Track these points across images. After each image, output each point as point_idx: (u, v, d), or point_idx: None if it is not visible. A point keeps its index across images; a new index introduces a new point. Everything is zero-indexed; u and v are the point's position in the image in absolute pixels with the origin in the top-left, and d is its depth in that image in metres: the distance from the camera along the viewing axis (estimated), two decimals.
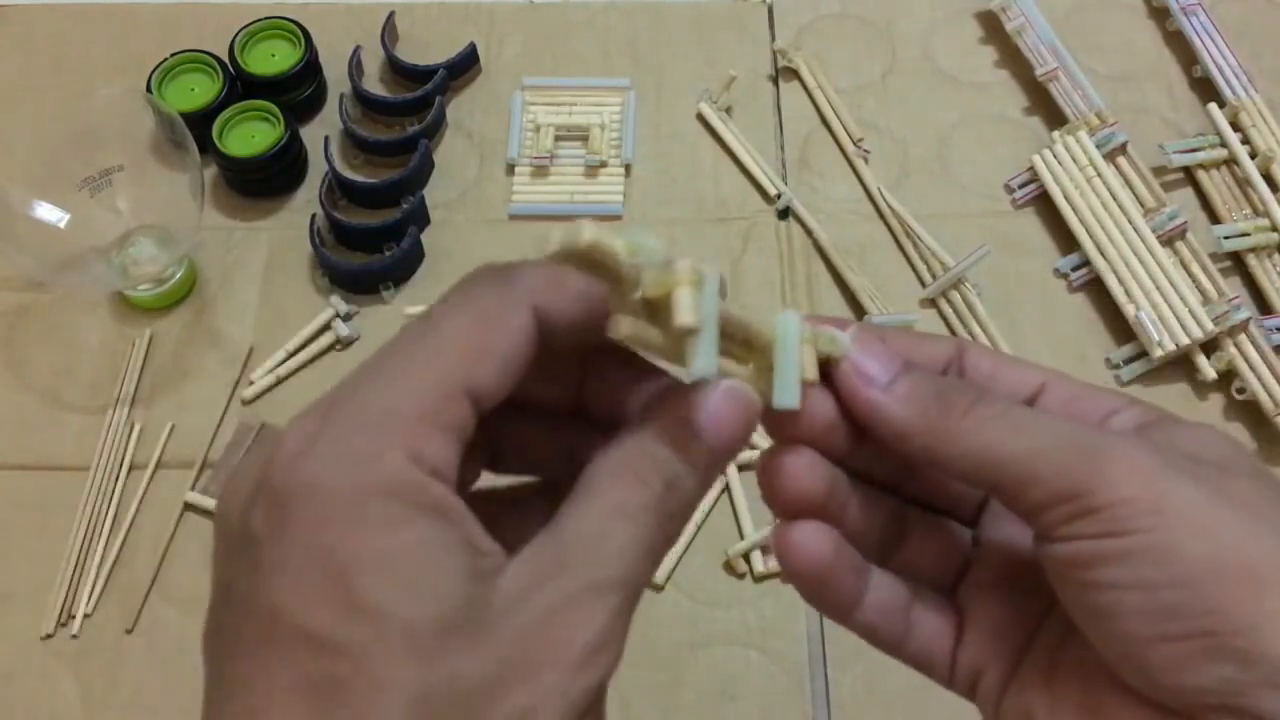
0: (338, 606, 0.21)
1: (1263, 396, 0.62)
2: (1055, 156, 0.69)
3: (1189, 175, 0.71)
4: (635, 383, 0.27)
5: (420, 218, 0.69)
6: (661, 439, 0.24)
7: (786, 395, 0.25)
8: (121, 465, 0.62)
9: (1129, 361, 0.65)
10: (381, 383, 0.23)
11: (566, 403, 0.28)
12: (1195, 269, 0.66)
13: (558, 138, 0.73)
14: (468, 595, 0.21)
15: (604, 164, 0.72)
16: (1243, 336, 0.64)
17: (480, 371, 0.23)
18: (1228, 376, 0.64)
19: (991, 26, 0.77)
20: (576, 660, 0.22)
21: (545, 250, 0.22)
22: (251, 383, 0.64)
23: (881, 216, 0.70)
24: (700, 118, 0.74)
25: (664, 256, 0.22)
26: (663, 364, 0.26)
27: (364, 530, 0.21)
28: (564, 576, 0.22)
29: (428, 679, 0.21)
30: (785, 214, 0.70)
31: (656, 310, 0.23)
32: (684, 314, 0.22)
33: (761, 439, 0.61)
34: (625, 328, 0.23)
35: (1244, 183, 0.69)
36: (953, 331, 0.66)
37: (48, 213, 0.63)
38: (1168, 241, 0.67)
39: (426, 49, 0.76)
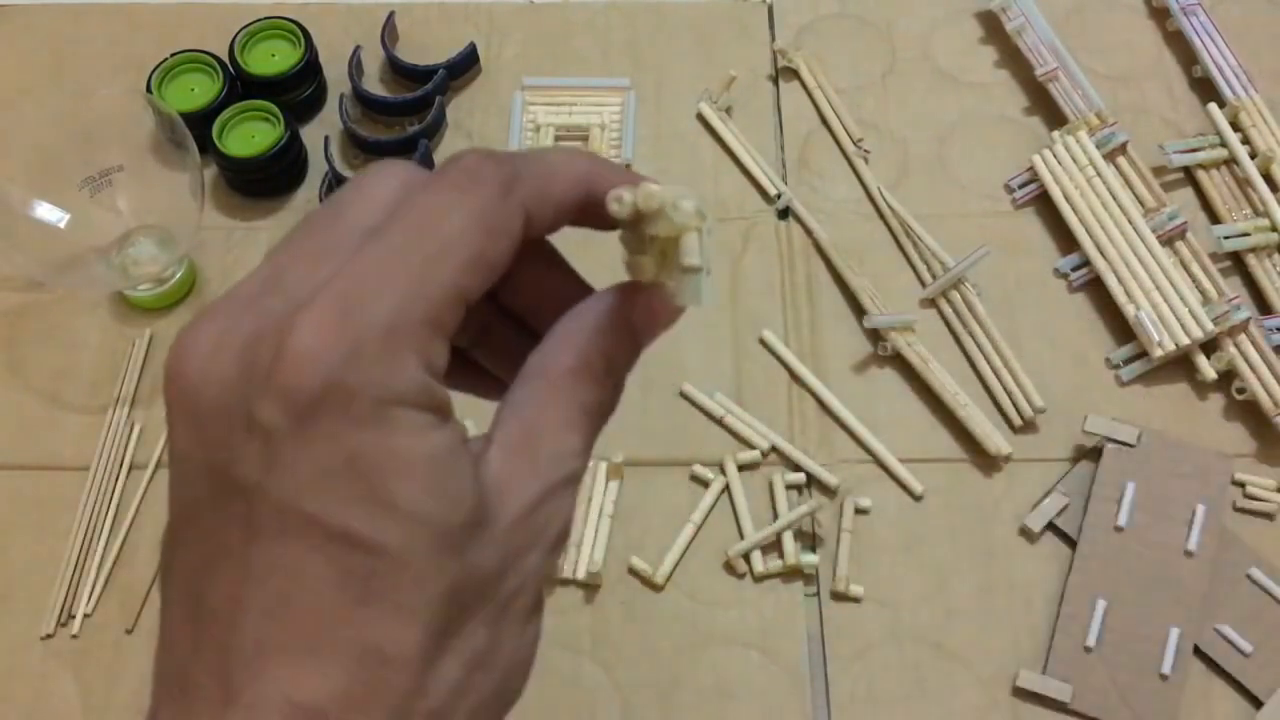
0: (373, 508, 0.22)
1: (1263, 396, 0.62)
2: (1055, 156, 0.69)
3: (1189, 175, 0.71)
4: (559, 282, 0.29)
5: None
6: (620, 344, 0.27)
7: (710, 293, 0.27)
8: (121, 465, 0.62)
9: (1129, 361, 0.65)
10: (396, 281, 0.23)
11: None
12: (1195, 269, 0.66)
13: (558, 138, 0.73)
14: (477, 493, 0.24)
15: None
16: (1243, 336, 0.64)
17: (477, 278, 0.24)
18: (1228, 376, 0.64)
19: (991, 26, 0.77)
20: (551, 544, 0.25)
21: (615, 210, 0.25)
22: None
23: (881, 216, 0.70)
24: (700, 118, 0.74)
25: (674, 196, 0.25)
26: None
27: (391, 436, 0.22)
28: (539, 472, 0.25)
29: (456, 572, 0.23)
30: (785, 214, 0.70)
31: (656, 244, 0.26)
32: (692, 257, 0.25)
33: (760, 440, 0.62)
34: (649, 271, 0.26)
35: (1244, 183, 0.69)
36: (953, 331, 0.66)
37: (48, 213, 0.63)
38: (1168, 241, 0.67)
39: (426, 49, 0.76)
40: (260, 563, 0.22)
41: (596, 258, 0.30)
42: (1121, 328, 0.65)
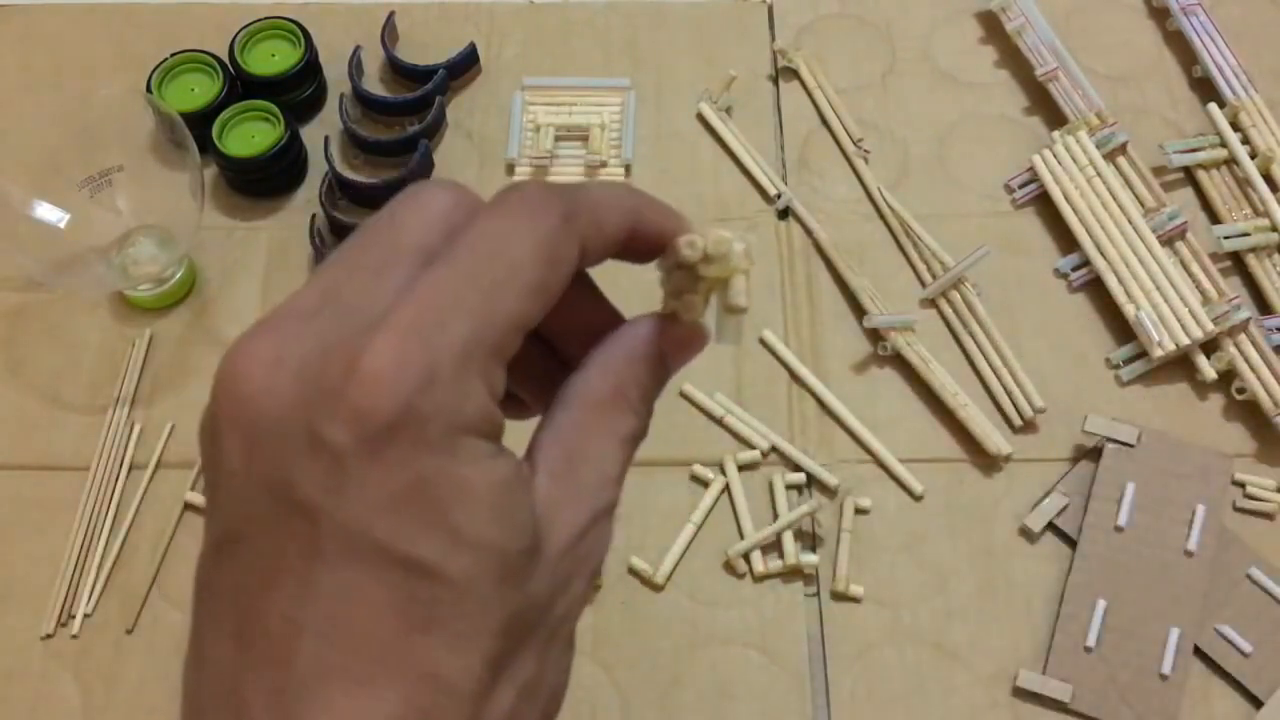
0: (440, 535, 0.22)
1: (1263, 396, 0.62)
2: (1055, 156, 0.69)
3: (1189, 175, 0.71)
4: (591, 308, 0.29)
5: None
6: (655, 374, 0.28)
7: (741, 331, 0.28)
8: (121, 465, 0.62)
9: (1129, 361, 0.65)
10: (469, 307, 0.23)
11: None
12: (1195, 269, 0.66)
13: (558, 138, 0.72)
14: (535, 523, 0.24)
15: (604, 164, 0.72)
16: (1243, 336, 0.64)
17: (538, 306, 0.24)
18: (1228, 376, 0.64)
19: (991, 26, 0.77)
20: (593, 571, 0.26)
21: (687, 254, 0.26)
22: None
23: (881, 216, 0.70)
24: (700, 118, 0.74)
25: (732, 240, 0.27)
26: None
27: (459, 464, 0.22)
28: (584, 499, 0.25)
29: (516, 601, 0.23)
30: (785, 214, 0.70)
31: (704, 283, 0.27)
32: (741, 298, 0.26)
33: (760, 440, 0.62)
34: (700, 310, 0.28)
35: (1244, 183, 0.69)
36: (953, 331, 0.66)
37: (48, 213, 0.63)
38: (1168, 241, 0.67)
39: (426, 49, 0.76)
40: (322, 585, 0.22)
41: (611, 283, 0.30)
42: (1121, 328, 0.65)
